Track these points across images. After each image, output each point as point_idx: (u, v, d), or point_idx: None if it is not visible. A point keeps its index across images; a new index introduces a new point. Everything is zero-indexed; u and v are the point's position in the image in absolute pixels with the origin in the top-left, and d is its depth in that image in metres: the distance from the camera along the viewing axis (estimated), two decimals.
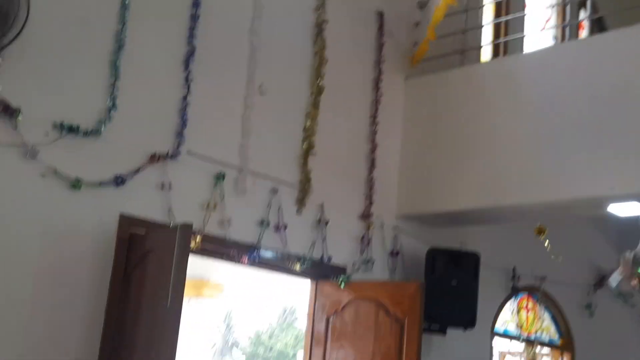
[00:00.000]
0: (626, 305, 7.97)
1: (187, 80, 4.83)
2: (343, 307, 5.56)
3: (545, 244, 4.94)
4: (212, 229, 4.86)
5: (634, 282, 4.93)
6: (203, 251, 4.85)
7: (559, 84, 5.36)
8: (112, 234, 4.32)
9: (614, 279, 5.80)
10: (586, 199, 5.06)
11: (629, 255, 4.98)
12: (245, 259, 5.08)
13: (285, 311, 16.18)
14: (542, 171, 5.28)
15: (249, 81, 5.28)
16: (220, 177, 4.95)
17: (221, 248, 4.96)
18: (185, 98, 4.81)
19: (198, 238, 4.65)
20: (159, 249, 4.13)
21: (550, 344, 7.50)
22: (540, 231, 4.99)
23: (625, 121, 4.94)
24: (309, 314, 5.76)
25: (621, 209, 5.18)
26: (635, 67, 4.97)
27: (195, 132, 4.81)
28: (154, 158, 4.59)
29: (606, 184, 4.88)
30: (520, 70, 5.66)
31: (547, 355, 7.53)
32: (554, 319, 7.59)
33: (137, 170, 4.50)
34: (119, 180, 4.40)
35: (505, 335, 7.09)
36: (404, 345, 5.18)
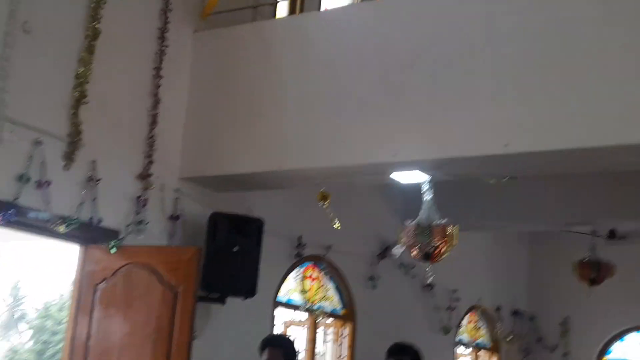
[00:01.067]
0: (407, 276, 8.10)
1: None
2: (113, 274, 5.11)
3: (327, 210, 4.76)
4: None
5: (415, 252, 4.88)
6: None
7: (351, 45, 5.20)
8: None
9: (397, 250, 5.78)
10: (369, 165, 4.95)
11: (410, 224, 4.92)
12: None
13: None
14: (326, 135, 5.11)
15: (11, 17, 4.64)
16: None
17: None
18: None
19: None
20: None
21: (333, 314, 7.45)
22: (324, 197, 4.81)
23: (414, 88, 4.86)
24: (75, 281, 5.25)
25: (404, 177, 5.12)
26: (429, 33, 4.89)
27: None
28: None
29: (389, 151, 4.78)
30: (314, 29, 5.44)
31: (330, 325, 7.47)
32: (338, 289, 7.55)
33: None
34: None
35: (288, 304, 6.93)
36: (177, 315, 4.82)
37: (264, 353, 4.36)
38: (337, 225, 4.72)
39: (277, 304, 6.75)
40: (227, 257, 5.56)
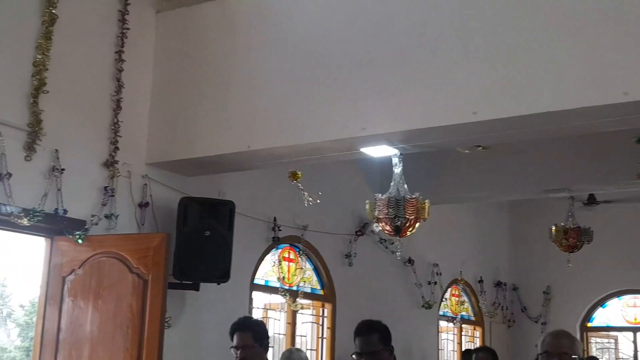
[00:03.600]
0: (387, 252, 8.03)
1: None
2: (81, 265, 4.99)
3: (300, 189, 4.67)
4: None
5: (385, 226, 4.80)
6: None
7: (316, 20, 5.07)
8: None
9: (376, 226, 5.70)
10: (338, 140, 4.84)
11: (381, 198, 4.83)
12: None
13: None
14: (294, 113, 4.99)
15: None
16: None
17: None
18: None
19: None
20: None
21: (312, 295, 7.38)
22: (294, 176, 4.71)
23: (380, 60, 4.74)
24: (43, 274, 5.12)
25: (374, 151, 5.03)
26: (394, 3, 4.76)
27: None
28: None
29: (358, 125, 4.68)
30: (278, 5, 5.28)
31: (308, 306, 7.40)
32: (316, 269, 7.47)
33: None
34: None
35: (266, 287, 6.84)
36: (148, 303, 4.72)
37: (234, 338, 4.27)
38: (309, 200, 4.61)
39: (254, 287, 6.66)
40: (199, 242, 5.44)
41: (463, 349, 9.42)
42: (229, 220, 5.62)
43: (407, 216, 4.70)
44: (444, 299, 9.43)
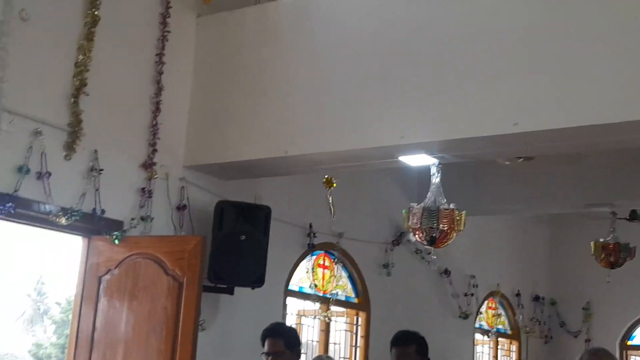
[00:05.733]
0: (423, 262, 7.96)
1: None
2: (117, 265, 5.02)
3: (329, 197, 4.65)
4: None
5: (420, 235, 4.74)
6: None
7: (355, 27, 5.05)
8: None
9: (412, 235, 5.65)
10: (376, 148, 4.80)
11: (417, 207, 4.78)
12: None
13: None
14: (332, 120, 4.97)
15: (7, 5, 4.53)
16: None
17: None
18: None
19: None
20: None
21: (346, 303, 7.33)
22: (329, 184, 4.68)
23: (421, 68, 4.70)
24: (79, 273, 5.16)
25: (412, 160, 4.98)
26: (433, 12, 4.73)
27: None
28: None
29: (397, 133, 4.63)
30: (318, 11, 5.27)
31: (342, 314, 7.36)
32: (351, 277, 7.42)
33: None
34: None
35: (300, 293, 6.81)
36: (182, 306, 4.72)
37: (265, 344, 4.24)
38: (333, 214, 4.60)
39: (289, 293, 6.64)
40: (235, 246, 5.45)
41: None
42: (265, 225, 5.62)
43: (442, 227, 4.64)
44: (480, 312, 9.31)
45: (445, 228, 4.64)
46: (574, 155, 6.41)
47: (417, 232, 4.76)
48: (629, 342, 10.35)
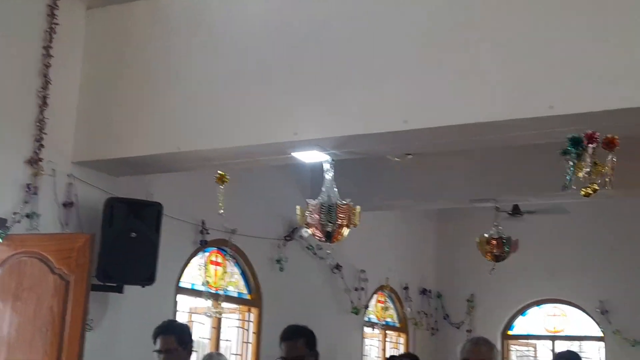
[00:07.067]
0: (315, 258, 8.05)
1: None
2: (1, 265, 4.83)
3: (220, 195, 4.63)
4: None
5: (315, 231, 4.80)
6: None
7: (249, 22, 5.03)
8: None
9: (305, 231, 5.70)
10: (269, 144, 4.82)
11: (312, 204, 4.83)
12: None
13: None
14: (225, 115, 4.95)
15: None
16: None
17: None
18: None
19: None
20: None
21: (238, 300, 7.33)
22: (221, 179, 4.66)
23: (314, 65, 4.74)
24: None
25: (305, 156, 5.03)
26: (328, 8, 4.77)
27: None
28: None
29: (290, 130, 4.67)
30: (210, 6, 5.23)
31: (235, 311, 7.35)
32: (244, 273, 7.43)
33: None
34: None
35: (191, 290, 6.76)
36: (69, 305, 4.60)
37: (157, 341, 4.19)
38: (221, 210, 4.59)
39: (180, 290, 6.58)
40: (125, 244, 5.35)
41: (387, 356, 9.50)
42: (156, 222, 5.54)
43: (339, 222, 4.71)
44: (369, 305, 9.50)
45: (342, 223, 4.71)
46: (461, 152, 6.63)
47: (312, 228, 4.81)
48: (510, 332, 10.83)
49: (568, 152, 3.71)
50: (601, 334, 10.08)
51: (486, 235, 8.24)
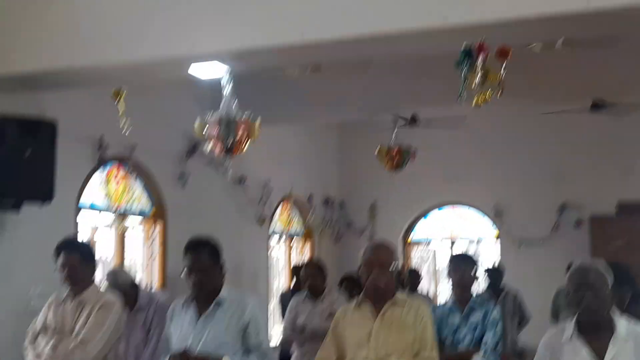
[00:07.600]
0: (218, 172, 8.04)
1: None
2: None
3: (119, 110, 4.52)
4: None
5: (215, 145, 4.77)
6: None
7: None
8: None
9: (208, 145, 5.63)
10: (167, 58, 4.72)
11: (211, 118, 4.79)
12: None
13: None
14: (120, 28, 4.77)
15: None
16: None
17: None
18: None
19: None
20: None
21: (141, 215, 7.29)
22: (117, 95, 4.55)
23: None
24: None
25: (203, 71, 4.95)
26: None
27: None
28: None
29: (188, 43, 4.57)
30: None
31: (138, 226, 7.31)
32: (146, 188, 7.36)
33: None
34: None
35: (93, 208, 6.67)
36: None
37: (59, 259, 4.14)
38: (126, 128, 4.49)
39: (80, 208, 6.47)
40: (19, 163, 5.20)
41: (293, 265, 9.71)
42: (51, 140, 5.40)
43: (238, 136, 4.69)
44: (274, 216, 9.62)
45: (242, 137, 4.69)
46: (360, 65, 6.65)
47: (212, 142, 4.78)
48: (410, 238, 11.23)
49: (461, 63, 3.80)
50: (496, 234, 10.60)
51: (386, 145, 8.40)
